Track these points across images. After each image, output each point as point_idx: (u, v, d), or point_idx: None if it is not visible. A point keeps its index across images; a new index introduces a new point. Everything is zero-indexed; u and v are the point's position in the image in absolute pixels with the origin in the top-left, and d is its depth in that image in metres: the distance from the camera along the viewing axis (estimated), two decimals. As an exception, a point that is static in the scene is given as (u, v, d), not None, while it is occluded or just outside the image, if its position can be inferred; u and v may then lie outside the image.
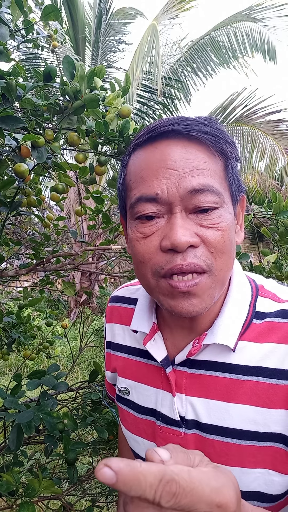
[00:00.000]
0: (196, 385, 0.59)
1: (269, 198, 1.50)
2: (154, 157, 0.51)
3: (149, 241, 0.52)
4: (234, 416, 0.56)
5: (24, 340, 1.90)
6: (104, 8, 7.15)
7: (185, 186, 0.49)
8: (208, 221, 0.50)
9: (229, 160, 0.54)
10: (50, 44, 1.85)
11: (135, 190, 0.53)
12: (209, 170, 0.51)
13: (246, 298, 0.61)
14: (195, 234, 0.50)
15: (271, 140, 6.88)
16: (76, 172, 1.41)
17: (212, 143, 0.51)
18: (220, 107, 7.43)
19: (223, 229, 0.51)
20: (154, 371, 0.66)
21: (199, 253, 0.50)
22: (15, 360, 5.05)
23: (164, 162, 0.50)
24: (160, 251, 0.51)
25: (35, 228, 3.25)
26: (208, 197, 0.50)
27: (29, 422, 1.01)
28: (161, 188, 0.50)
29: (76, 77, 1.02)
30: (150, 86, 6.76)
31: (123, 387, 0.72)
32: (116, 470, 0.27)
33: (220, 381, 0.58)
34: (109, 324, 0.80)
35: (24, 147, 1.06)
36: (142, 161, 0.53)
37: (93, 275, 7.71)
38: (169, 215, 0.51)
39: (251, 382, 0.55)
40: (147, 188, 0.51)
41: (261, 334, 0.57)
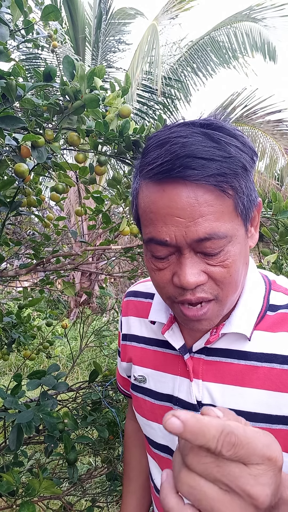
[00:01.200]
0: (212, 371, 0.64)
1: (269, 198, 1.50)
2: (162, 201, 0.52)
3: (163, 274, 0.56)
4: (248, 399, 0.60)
5: (24, 340, 1.90)
6: (104, 8, 7.15)
7: (192, 236, 0.51)
8: (214, 260, 0.53)
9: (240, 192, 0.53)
10: (50, 44, 1.85)
11: (146, 229, 0.56)
12: (216, 213, 0.51)
13: (261, 292, 0.65)
14: (202, 272, 0.53)
15: (271, 140, 6.87)
16: (76, 172, 1.41)
17: (220, 184, 0.50)
18: (220, 107, 7.43)
19: (229, 266, 0.53)
20: (171, 359, 0.70)
21: (206, 287, 0.54)
22: (15, 360, 5.05)
23: (171, 209, 0.51)
24: (172, 284, 0.55)
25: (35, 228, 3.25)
26: (214, 243, 0.51)
27: (29, 422, 1.01)
28: (169, 235, 0.52)
29: (76, 77, 1.02)
30: (150, 86, 6.76)
31: (140, 375, 0.76)
32: (184, 420, 0.31)
33: (235, 367, 0.62)
34: (125, 317, 0.83)
35: (24, 147, 1.06)
36: (151, 202, 0.54)
37: (93, 275, 7.71)
38: (179, 254, 0.54)
39: (265, 368, 0.60)
40: (157, 233, 0.53)
41: (274, 324, 0.61)
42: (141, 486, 0.91)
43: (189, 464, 0.33)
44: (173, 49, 7.34)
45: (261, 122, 7.02)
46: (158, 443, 0.73)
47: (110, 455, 1.47)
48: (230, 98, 7.28)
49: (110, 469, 1.47)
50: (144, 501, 0.91)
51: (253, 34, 6.88)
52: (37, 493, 0.86)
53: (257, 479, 0.32)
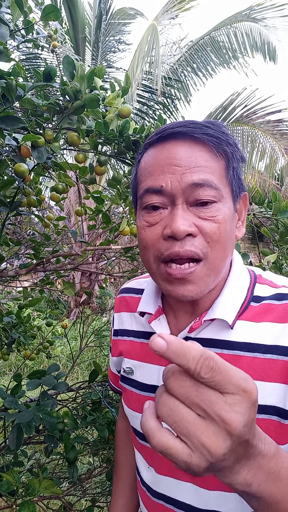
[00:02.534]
0: None
1: (269, 198, 1.50)
2: (162, 155, 0.58)
3: (153, 229, 0.59)
4: None
5: (24, 340, 1.90)
6: (104, 8, 7.15)
7: (186, 180, 0.56)
8: (206, 213, 0.57)
9: (231, 160, 0.60)
10: (50, 44, 1.85)
11: (143, 183, 0.61)
12: (210, 167, 0.57)
13: (245, 283, 0.67)
14: (193, 225, 0.56)
15: (271, 140, 6.87)
16: (76, 172, 1.41)
17: (215, 145, 0.57)
18: (220, 107, 7.42)
19: (219, 222, 0.57)
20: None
21: (196, 242, 0.56)
22: (15, 360, 5.05)
23: (169, 159, 0.57)
24: (162, 239, 0.58)
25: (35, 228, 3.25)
26: (207, 191, 0.56)
27: (29, 422, 1.01)
28: (165, 181, 0.57)
29: (76, 77, 1.02)
30: (150, 86, 6.76)
31: (127, 367, 0.78)
32: (168, 340, 0.33)
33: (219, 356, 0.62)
34: (117, 313, 0.86)
35: (24, 147, 1.06)
36: (152, 158, 0.60)
37: (93, 275, 7.71)
38: (172, 206, 0.58)
39: (248, 357, 0.61)
40: (154, 181, 0.58)
41: (258, 314, 0.63)
42: (130, 485, 0.92)
43: (169, 388, 0.35)
44: (173, 49, 7.34)
45: (261, 122, 7.02)
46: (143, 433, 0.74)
47: (110, 455, 1.47)
48: (230, 98, 7.28)
49: (110, 469, 1.47)
50: (133, 500, 0.91)
51: (253, 34, 6.88)
52: (37, 493, 0.86)
53: (231, 407, 0.34)
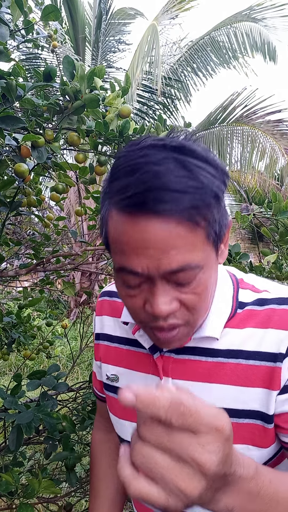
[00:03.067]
0: (181, 369, 0.66)
1: (269, 198, 1.50)
2: (134, 233, 0.50)
3: (135, 300, 0.56)
4: (216, 395, 0.62)
5: (24, 340, 1.90)
6: (104, 8, 7.15)
7: (165, 268, 0.50)
8: (186, 289, 0.53)
9: (214, 219, 0.52)
10: (50, 44, 1.85)
11: (117, 258, 0.54)
12: (189, 245, 0.50)
13: (229, 293, 0.66)
14: (174, 300, 0.53)
15: (271, 140, 6.87)
16: (76, 172, 1.41)
17: (192, 214, 0.49)
18: (220, 107, 7.42)
19: (200, 293, 0.54)
20: (143, 358, 0.71)
21: (178, 314, 0.54)
22: (15, 360, 5.04)
23: (143, 241, 0.49)
24: (145, 311, 0.55)
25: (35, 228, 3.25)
26: (187, 274, 0.51)
27: (29, 422, 1.01)
28: (141, 267, 0.51)
29: (76, 77, 1.02)
30: (150, 86, 6.76)
31: (112, 374, 0.77)
32: (136, 393, 0.33)
33: (204, 364, 0.64)
34: (98, 317, 0.83)
35: (24, 147, 1.06)
36: (122, 233, 0.51)
37: (93, 275, 7.71)
38: (151, 284, 0.53)
39: (231, 364, 0.62)
40: (129, 263, 0.52)
41: (241, 321, 0.63)
42: (109, 499, 0.87)
43: (142, 435, 0.36)
44: (173, 49, 7.34)
45: (261, 122, 7.02)
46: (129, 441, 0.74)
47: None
48: (230, 98, 7.28)
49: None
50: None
51: (253, 34, 6.88)
52: (36, 493, 0.86)
53: (204, 447, 0.34)
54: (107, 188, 0.55)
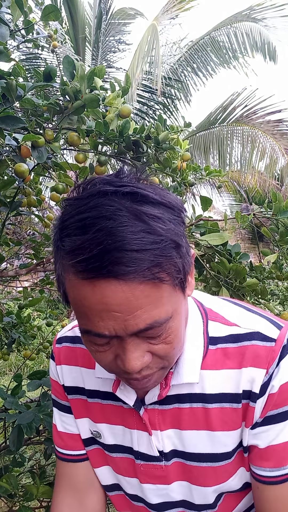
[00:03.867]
0: (168, 419, 0.64)
1: (269, 198, 1.50)
2: (94, 297, 0.46)
3: (105, 355, 0.52)
4: (206, 442, 0.62)
5: (24, 340, 1.90)
6: (104, 8, 7.15)
7: (132, 329, 0.47)
8: (157, 340, 0.51)
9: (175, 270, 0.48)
10: (50, 44, 1.85)
11: (81, 321, 0.51)
12: (155, 301, 0.47)
13: (199, 328, 0.63)
14: (146, 353, 0.51)
15: (271, 140, 6.87)
16: (76, 172, 1.41)
17: (155, 275, 0.46)
18: (220, 107, 7.42)
19: (172, 341, 0.52)
20: (124, 413, 0.67)
21: (151, 364, 0.52)
22: (15, 360, 5.04)
23: (106, 305, 0.46)
24: (116, 365, 0.52)
25: (35, 228, 3.25)
26: (156, 330, 0.49)
27: (29, 423, 1.01)
28: (108, 330, 0.48)
29: (76, 77, 1.01)
30: (150, 86, 6.76)
31: (95, 431, 0.71)
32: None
33: (188, 411, 0.62)
34: (60, 366, 0.74)
35: (24, 147, 1.06)
36: (82, 298, 0.47)
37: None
38: (120, 339, 0.50)
39: (216, 409, 0.61)
40: (94, 327, 0.49)
41: (217, 361, 0.61)
42: None
43: None
44: (173, 49, 7.34)
45: (261, 122, 7.02)
46: (129, 493, 0.72)
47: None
48: (230, 98, 7.28)
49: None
50: None
51: (253, 34, 6.88)
52: (35, 498, 0.86)
53: None
54: (58, 242, 0.49)
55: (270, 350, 0.58)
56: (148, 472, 0.66)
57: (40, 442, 1.49)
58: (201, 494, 0.64)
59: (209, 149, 7.40)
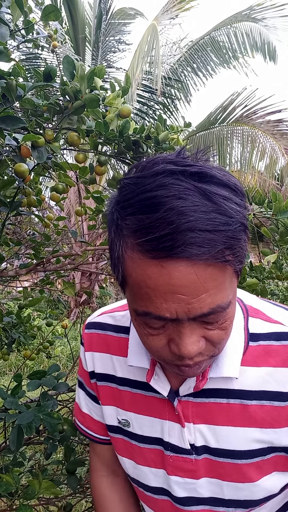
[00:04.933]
0: (202, 413, 0.61)
1: (269, 198, 1.50)
2: (161, 278, 0.45)
3: (158, 339, 0.51)
4: (242, 439, 0.60)
5: (24, 340, 1.90)
6: (104, 8, 7.15)
7: (195, 313, 0.46)
8: (214, 326, 0.50)
9: (240, 253, 0.48)
10: (50, 44, 1.85)
11: (141, 302, 0.49)
12: (219, 285, 0.46)
13: (240, 323, 0.62)
14: (201, 338, 0.50)
15: (271, 140, 6.87)
16: (76, 172, 1.41)
17: (224, 257, 0.45)
18: (220, 107, 7.42)
19: (227, 328, 0.51)
20: (156, 403, 0.65)
21: (204, 351, 0.51)
22: (15, 360, 5.04)
23: (172, 286, 0.45)
24: (169, 349, 0.51)
25: (35, 228, 3.25)
26: (217, 315, 0.48)
27: (29, 423, 1.01)
28: (170, 312, 0.47)
29: (76, 77, 1.01)
30: (150, 86, 6.76)
31: (123, 419, 0.69)
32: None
33: (225, 407, 0.60)
34: (89, 352, 0.73)
35: (24, 147, 1.06)
36: (147, 277, 0.46)
37: (93, 275, 7.71)
38: (177, 322, 0.49)
39: (255, 406, 0.59)
40: (155, 309, 0.47)
41: (258, 358, 0.60)
42: None
43: None
44: (173, 49, 7.34)
45: (261, 122, 7.01)
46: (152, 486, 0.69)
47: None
48: (230, 98, 7.28)
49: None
50: None
51: (253, 34, 6.88)
52: (37, 494, 0.86)
53: None
54: (119, 221, 0.48)
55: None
56: (177, 464, 0.64)
57: (40, 442, 1.49)
58: (233, 490, 0.62)
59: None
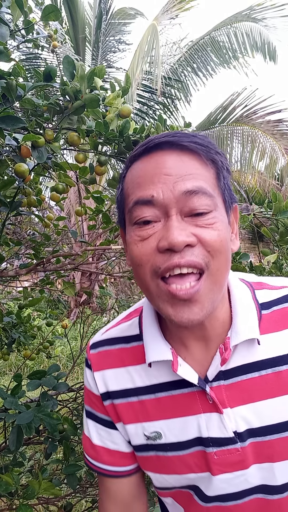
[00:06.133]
0: (237, 394, 0.59)
1: (269, 198, 1.50)
2: (149, 165, 0.55)
3: (147, 243, 0.53)
4: (284, 408, 0.58)
5: (24, 340, 1.90)
6: (104, 8, 7.15)
7: (180, 189, 0.51)
8: (203, 221, 0.52)
9: (221, 169, 0.57)
10: (50, 44, 1.85)
11: (132, 195, 0.56)
12: (202, 175, 0.54)
13: (248, 294, 0.63)
14: (191, 234, 0.51)
15: (271, 140, 6.87)
16: (76, 172, 1.41)
17: (204, 152, 0.54)
18: (220, 107, 7.42)
19: (218, 229, 0.53)
20: (185, 400, 0.62)
21: (196, 251, 0.51)
22: (15, 360, 5.04)
23: (159, 169, 0.53)
24: (158, 252, 0.52)
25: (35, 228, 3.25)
26: (202, 199, 0.52)
27: (29, 423, 1.01)
28: (156, 191, 0.52)
29: (76, 77, 1.01)
30: (150, 86, 6.75)
31: (153, 433, 0.64)
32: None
33: (259, 380, 0.59)
34: (99, 372, 0.69)
35: (24, 147, 1.06)
36: (139, 170, 0.56)
37: (93, 275, 7.71)
38: (166, 218, 0.53)
39: (274, 373, 0.58)
40: (143, 192, 0.54)
41: (277, 323, 0.60)
42: None
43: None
44: (173, 49, 7.34)
45: (261, 122, 7.01)
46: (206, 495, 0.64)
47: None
48: (230, 98, 7.28)
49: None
50: None
51: (253, 34, 6.88)
52: (36, 495, 0.86)
53: None
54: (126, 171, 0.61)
55: None
56: (222, 460, 0.60)
57: (40, 442, 1.49)
58: (285, 471, 0.59)
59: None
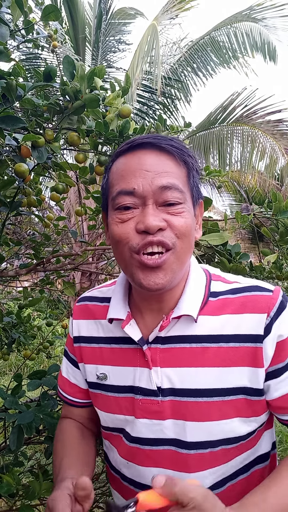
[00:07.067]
0: (168, 357, 0.72)
1: (269, 198, 1.51)
2: (133, 161, 0.67)
3: (126, 224, 0.67)
4: (202, 378, 0.69)
5: (24, 340, 1.90)
6: (104, 8, 7.14)
7: (156, 183, 0.65)
8: (174, 210, 0.66)
9: (191, 170, 0.71)
10: (50, 44, 1.85)
11: (116, 186, 0.68)
12: (175, 173, 0.67)
13: (202, 281, 0.76)
14: (163, 220, 0.65)
15: (271, 140, 6.86)
16: (76, 172, 1.41)
17: (178, 154, 0.68)
18: (220, 107, 7.41)
19: (185, 217, 0.67)
20: (129, 353, 0.76)
21: (166, 234, 0.65)
22: (15, 360, 5.04)
23: (140, 165, 0.66)
24: (136, 233, 0.65)
25: (35, 228, 3.25)
26: (174, 193, 0.66)
27: (29, 423, 1.01)
28: (137, 184, 0.65)
29: (76, 77, 1.02)
30: (150, 86, 6.75)
31: (101, 373, 0.80)
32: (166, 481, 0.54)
33: (188, 351, 0.71)
34: (76, 320, 0.87)
35: (24, 147, 1.06)
36: (123, 164, 0.69)
37: (93, 275, 7.70)
38: (143, 206, 0.66)
39: (214, 348, 0.70)
40: (126, 184, 0.66)
41: (217, 309, 0.72)
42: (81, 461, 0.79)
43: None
44: (173, 49, 7.33)
45: (261, 122, 7.00)
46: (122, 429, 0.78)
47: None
48: (230, 98, 7.27)
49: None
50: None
51: (253, 34, 6.86)
52: (37, 495, 0.86)
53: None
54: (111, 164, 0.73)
55: (269, 298, 0.70)
56: (145, 407, 0.73)
57: (40, 442, 1.49)
58: (194, 431, 0.69)
59: (209, 149, 7.38)
